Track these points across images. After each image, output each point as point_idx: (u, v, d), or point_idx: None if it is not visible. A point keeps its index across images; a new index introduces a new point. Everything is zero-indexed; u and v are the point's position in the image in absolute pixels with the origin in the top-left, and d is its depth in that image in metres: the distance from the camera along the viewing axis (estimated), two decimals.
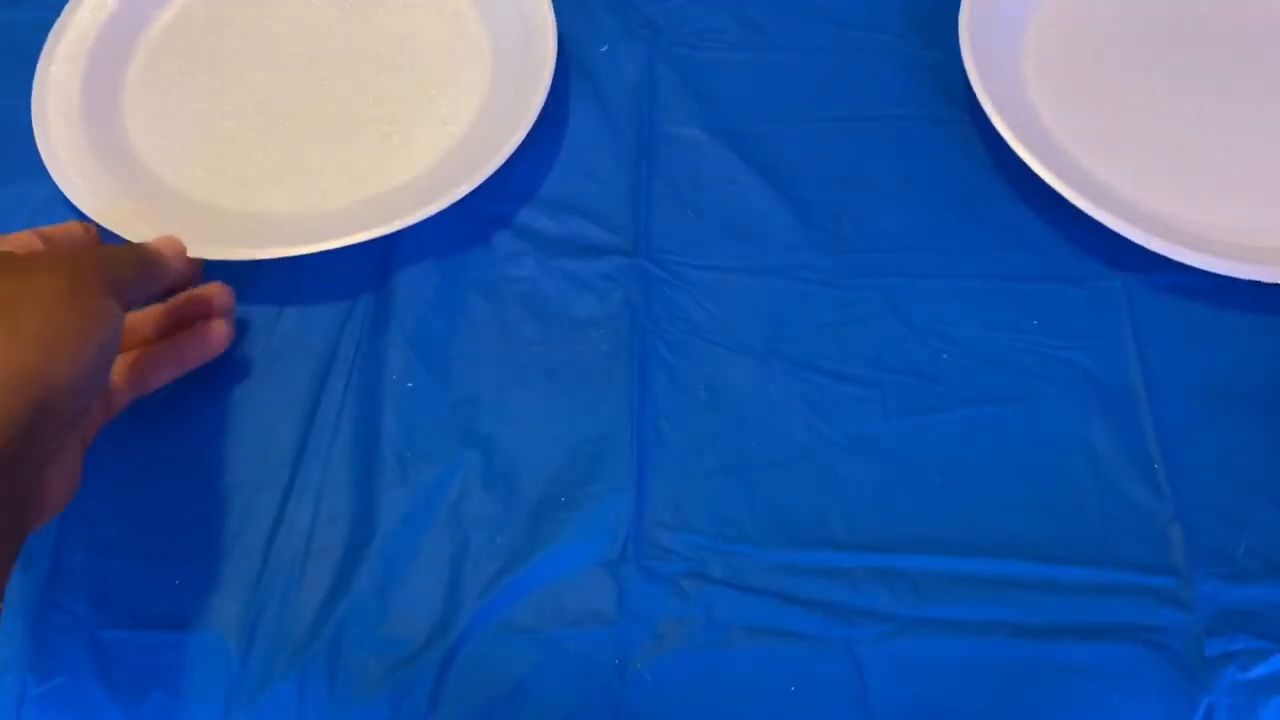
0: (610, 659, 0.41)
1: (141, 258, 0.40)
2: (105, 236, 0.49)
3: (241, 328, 0.48)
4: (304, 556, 0.43)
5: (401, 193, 0.51)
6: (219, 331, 0.44)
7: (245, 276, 0.49)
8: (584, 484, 0.44)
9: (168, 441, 0.45)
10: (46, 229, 0.41)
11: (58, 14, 0.55)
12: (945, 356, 0.47)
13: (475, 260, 0.50)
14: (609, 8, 0.58)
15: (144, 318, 0.44)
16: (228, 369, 0.47)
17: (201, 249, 0.47)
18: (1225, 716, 0.39)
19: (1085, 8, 0.57)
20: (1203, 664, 0.40)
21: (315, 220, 0.51)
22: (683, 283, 0.49)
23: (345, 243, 0.47)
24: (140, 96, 0.55)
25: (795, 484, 0.44)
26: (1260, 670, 0.40)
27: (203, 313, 0.44)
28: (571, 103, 0.55)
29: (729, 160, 0.52)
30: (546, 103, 0.51)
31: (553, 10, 0.54)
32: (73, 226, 0.42)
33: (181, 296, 0.44)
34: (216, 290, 0.45)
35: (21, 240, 0.40)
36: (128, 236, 0.48)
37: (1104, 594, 0.42)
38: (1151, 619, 0.41)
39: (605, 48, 0.56)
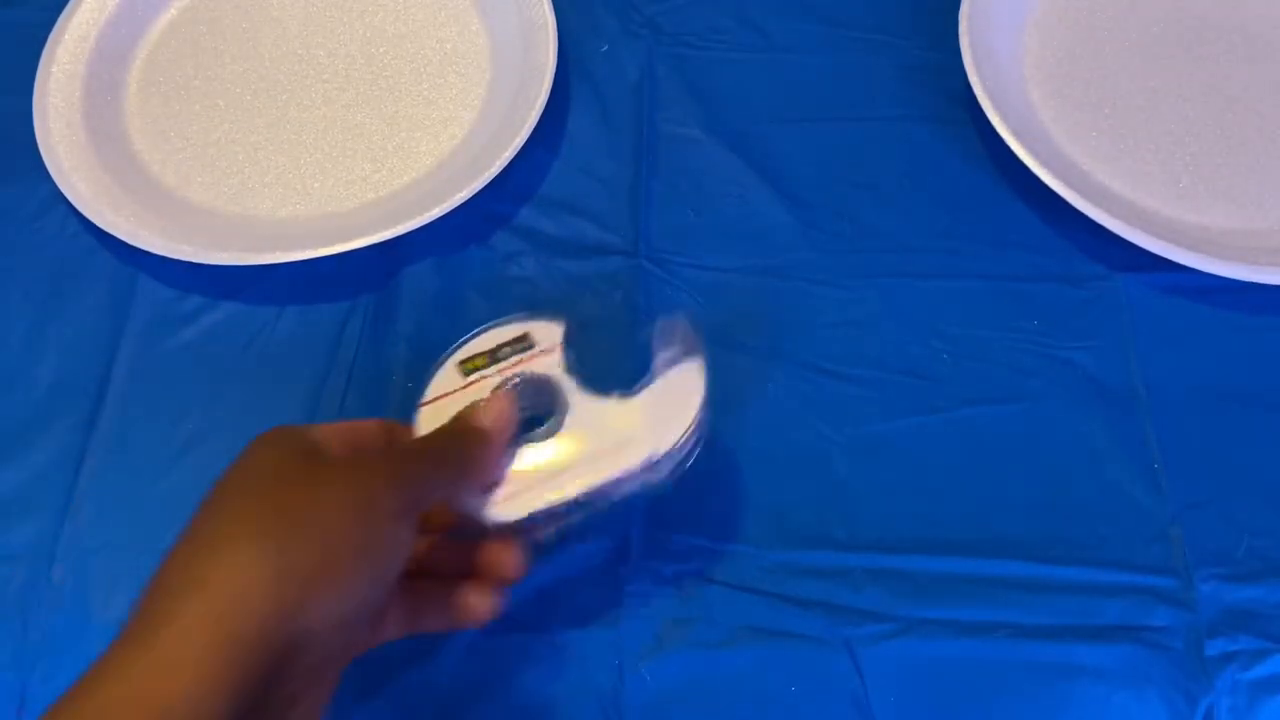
0: (610, 659, 0.41)
1: (460, 466, 0.34)
2: (108, 238, 0.49)
3: (242, 328, 0.48)
4: None
5: (403, 195, 0.51)
6: (487, 605, 0.36)
7: (246, 276, 0.49)
8: None
9: (169, 441, 0.45)
10: (361, 425, 0.36)
11: (58, 14, 0.55)
12: (945, 356, 0.47)
13: (475, 260, 0.50)
14: (609, 8, 0.58)
15: (441, 551, 0.37)
16: (228, 369, 0.47)
17: (202, 253, 0.47)
18: (1225, 716, 0.39)
19: (1085, 8, 0.57)
20: (1203, 664, 0.40)
21: (316, 223, 0.51)
22: (683, 283, 0.49)
23: (346, 248, 0.47)
24: (140, 98, 0.55)
25: (795, 484, 0.44)
26: (1260, 670, 0.40)
27: (488, 564, 0.36)
28: (571, 103, 0.55)
29: (729, 160, 0.52)
30: (546, 103, 0.51)
31: (553, 10, 0.54)
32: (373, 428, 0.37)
33: (487, 547, 0.36)
34: (507, 558, 0.36)
35: (369, 431, 0.36)
36: (128, 239, 0.48)
37: (1104, 594, 0.42)
38: (1151, 619, 0.41)
39: (605, 48, 0.56)
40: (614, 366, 0.46)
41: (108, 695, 0.27)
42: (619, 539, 0.43)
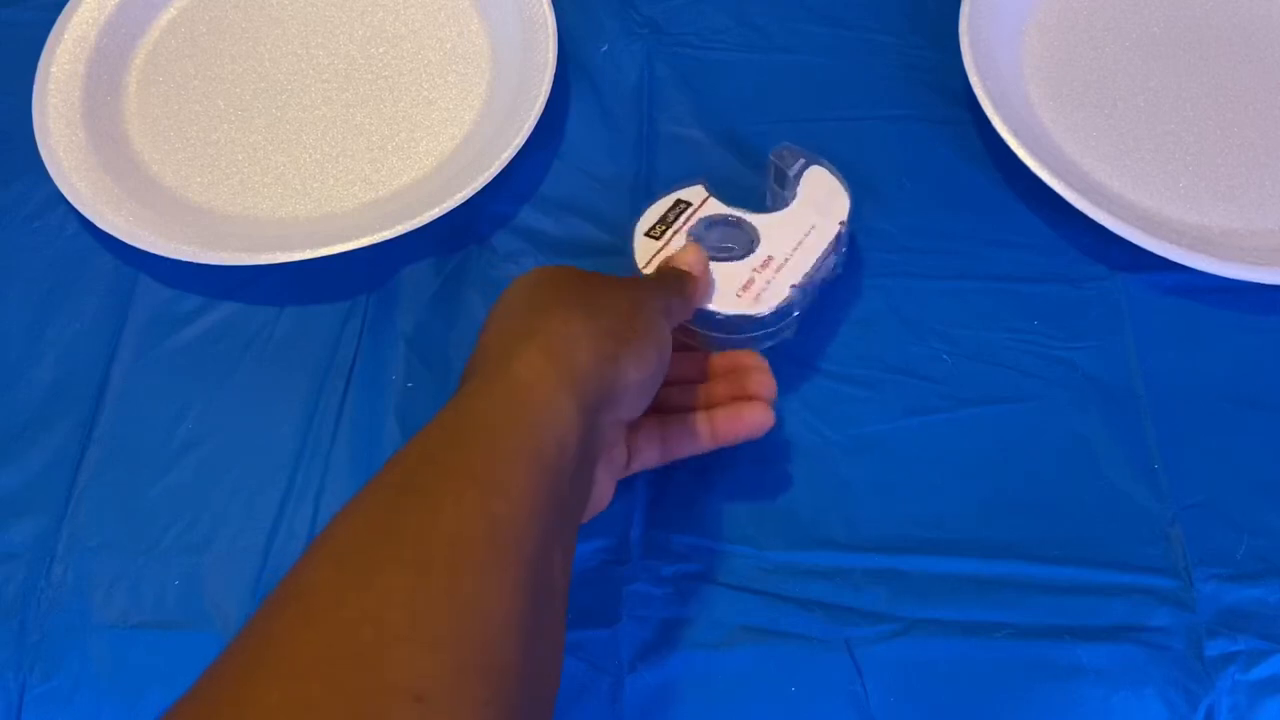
0: (610, 659, 0.41)
1: (682, 290, 0.41)
2: (108, 238, 0.49)
3: (242, 328, 0.48)
4: None
5: (403, 195, 0.51)
6: (761, 414, 0.41)
7: (245, 277, 0.49)
8: None
9: (168, 441, 0.45)
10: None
11: (58, 14, 0.55)
12: (945, 357, 0.47)
13: (475, 260, 0.50)
14: (609, 8, 0.58)
15: (675, 391, 0.42)
16: (229, 370, 0.47)
17: (202, 253, 0.47)
18: (1225, 716, 0.39)
19: (1085, 9, 0.57)
20: (1203, 664, 0.40)
21: (316, 223, 0.51)
22: None
23: (346, 248, 0.47)
24: (140, 98, 0.55)
25: (795, 484, 0.44)
26: (1260, 670, 0.40)
27: (738, 395, 0.42)
28: (571, 103, 0.55)
29: (729, 160, 0.52)
30: (546, 103, 0.51)
31: (553, 10, 0.54)
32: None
33: (721, 384, 0.42)
34: (758, 378, 0.42)
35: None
36: (128, 239, 0.48)
37: (1104, 594, 0.41)
38: (1151, 619, 0.41)
39: (605, 48, 0.56)
40: None
41: (485, 405, 0.32)
42: (619, 539, 0.43)
